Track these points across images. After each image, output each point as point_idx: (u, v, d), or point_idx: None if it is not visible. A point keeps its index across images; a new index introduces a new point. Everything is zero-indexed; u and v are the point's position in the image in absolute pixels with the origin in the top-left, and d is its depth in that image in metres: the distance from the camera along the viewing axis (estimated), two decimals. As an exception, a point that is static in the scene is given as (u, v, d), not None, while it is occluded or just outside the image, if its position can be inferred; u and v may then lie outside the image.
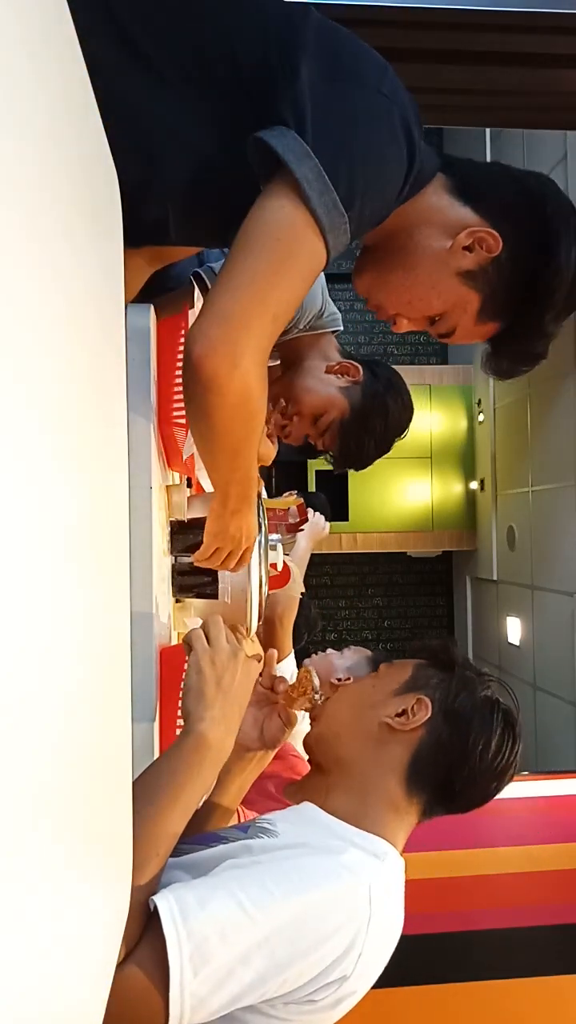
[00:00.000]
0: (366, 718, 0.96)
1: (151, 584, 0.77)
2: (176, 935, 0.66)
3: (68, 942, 0.42)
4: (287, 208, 0.73)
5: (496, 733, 0.94)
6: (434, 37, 2.25)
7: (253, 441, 0.81)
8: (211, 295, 0.74)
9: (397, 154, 0.77)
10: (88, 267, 0.51)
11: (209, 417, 0.76)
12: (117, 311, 0.68)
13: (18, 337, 0.33)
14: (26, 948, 0.33)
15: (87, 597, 0.48)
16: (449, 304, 0.90)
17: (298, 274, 0.75)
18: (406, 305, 0.92)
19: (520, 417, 4.62)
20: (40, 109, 0.38)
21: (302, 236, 0.74)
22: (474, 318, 0.91)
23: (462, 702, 0.95)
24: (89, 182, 0.53)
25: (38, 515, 0.36)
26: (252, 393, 0.75)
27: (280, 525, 1.97)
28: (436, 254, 0.88)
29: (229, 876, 0.73)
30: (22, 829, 0.33)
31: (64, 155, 0.44)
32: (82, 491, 0.47)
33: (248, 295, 0.72)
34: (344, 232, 0.75)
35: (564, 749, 4.03)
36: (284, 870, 0.74)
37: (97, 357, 0.55)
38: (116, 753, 0.61)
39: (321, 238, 0.74)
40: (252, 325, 0.72)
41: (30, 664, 0.34)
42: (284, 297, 0.75)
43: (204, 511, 1.07)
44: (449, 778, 0.93)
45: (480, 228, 0.85)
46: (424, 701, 0.93)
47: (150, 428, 0.80)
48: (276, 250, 0.74)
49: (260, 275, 0.73)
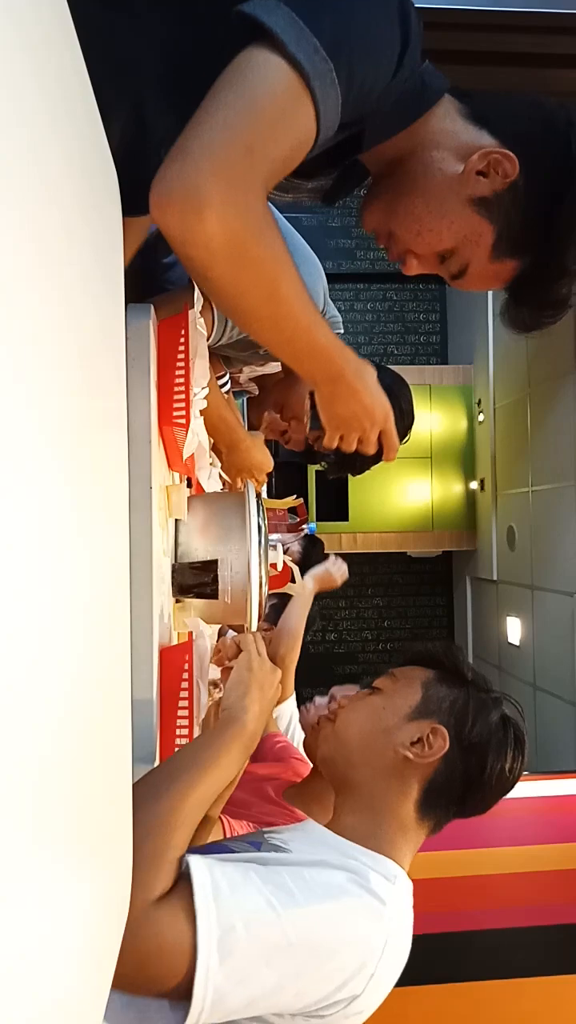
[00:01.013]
0: (380, 743, 0.94)
1: (151, 584, 0.77)
2: (207, 916, 0.66)
3: (64, 940, 0.42)
4: (260, 55, 0.65)
5: (509, 754, 0.94)
6: (434, 37, 2.25)
7: (289, 299, 0.70)
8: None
9: (388, 15, 0.70)
10: (88, 267, 0.51)
11: (211, 282, 0.66)
12: (117, 311, 0.68)
13: (18, 337, 0.33)
14: (23, 945, 0.33)
15: (87, 597, 0.48)
16: (460, 236, 0.83)
17: (274, 106, 0.65)
18: (415, 237, 0.85)
19: (520, 417, 4.62)
20: (39, 108, 0.38)
21: (278, 75, 0.65)
22: (488, 253, 0.84)
23: (479, 730, 0.94)
24: (89, 182, 0.53)
25: (38, 515, 0.36)
26: (242, 237, 0.63)
27: (280, 525, 1.97)
28: (447, 179, 0.81)
29: (255, 872, 0.73)
30: (21, 829, 0.33)
31: (64, 155, 0.44)
32: (82, 491, 0.47)
33: (209, 127, 0.63)
34: (332, 83, 0.67)
35: (564, 749, 4.03)
36: (306, 880, 0.74)
37: (97, 357, 0.55)
38: (116, 753, 0.61)
39: (304, 85, 0.65)
40: (217, 157, 0.62)
41: (29, 664, 0.34)
42: (258, 127, 0.64)
43: (204, 511, 1.07)
44: (462, 800, 0.94)
45: (495, 150, 0.79)
46: (441, 732, 0.92)
47: (150, 428, 0.80)
48: (244, 83, 0.65)
49: (224, 106, 0.63)
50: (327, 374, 0.81)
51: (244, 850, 0.84)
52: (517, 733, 0.96)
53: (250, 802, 1.25)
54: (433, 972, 1.60)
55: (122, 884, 0.63)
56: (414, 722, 0.94)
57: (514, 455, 4.77)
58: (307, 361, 0.79)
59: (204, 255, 0.64)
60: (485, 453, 5.20)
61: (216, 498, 1.16)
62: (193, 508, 1.04)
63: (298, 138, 0.68)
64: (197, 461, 1.08)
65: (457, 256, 0.85)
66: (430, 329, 5.93)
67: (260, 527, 1.05)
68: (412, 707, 0.96)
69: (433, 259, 0.87)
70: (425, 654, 1.04)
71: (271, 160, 0.66)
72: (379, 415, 0.89)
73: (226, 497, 1.15)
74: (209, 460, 1.25)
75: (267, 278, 0.68)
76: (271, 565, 1.23)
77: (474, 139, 0.81)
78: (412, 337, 5.93)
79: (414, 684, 0.99)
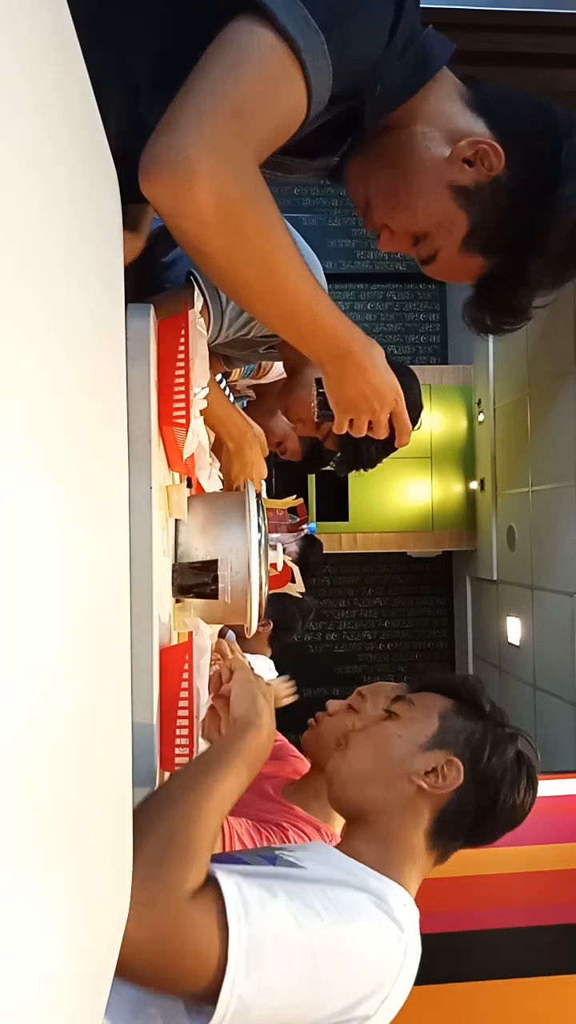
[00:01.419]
0: (393, 771, 0.94)
1: (151, 584, 0.77)
2: (238, 928, 0.66)
3: (62, 953, 0.42)
4: (248, 26, 0.64)
5: (521, 790, 0.94)
6: (434, 37, 2.25)
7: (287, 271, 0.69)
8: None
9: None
10: (88, 267, 0.51)
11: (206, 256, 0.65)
12: (117, 311, 0.68)
13: (17, 337, 0.33)
14: (24, 961, 0.33)
15: (87, 597, 0.48)
16: (434, 220, 0.82)
17: (263, 74, 0.64)
18: (389, 211, 0.84)
19: (520, 417, 4.62)
20: (38, 107, 0.38)
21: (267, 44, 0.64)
22: (459, 244, 0.82)
23: (494, 765, 0.94)
24: (89, 180, 0.53)
25: (38, 515, 0.36)
26: (234, 204, 0.62)
27: (280, 525, 1.97)
28: (432, 159, 0.80)
29: (280, 887, 0.73)
30: (18, 832, 0.33)
31: (63, 154, 0.44)
32: (82, 491, 0.47)
33: (195, 95, 0.61)
34: (323, 54, 0.66)
35: (564, 749, 4.03)
36: (330, 898, 0.74)
37: (97, 357, 0.55)
38: (116, 753, 0.61)
39: (294, 56, 0.65)
40: (204, 123, 0.60)
41: (29, 664, 0.34)
42: (246, 93, 0.63)
43: (204, 511, 1.07)
44: (471, 832, 0.94)
45: (485, 140, 0.78)
46: (456, 764, 0.92)
47: (150, 428, 0.80)
48: (232, 53, 0.64)
49: (211, 75, 0.63)
50: (334, 352, 0.80)
51: (259, 863, 0.84)
52: (530, 771, 0.96)
53: (250, 800, 1.26)
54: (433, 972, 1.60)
55: (121, 896, 0.63)
56: (429, 752, 0.94)
57: (514, 455, 4.77)
58: (311, 338, 0.77)
59: (195, 226, 0.63)
60: (485, 453, 5.20)
61: (216, 498, 1.15)
62: (193, 508, 1.04)
63: (289, 107, 0.67)
64: (197, 461, 1.08)
65: (429, 240, 0.84)
66: (430, 329, 5.93)
67: (260, 527, 1.05)
68: (428, 737, 0.95)
69: (406, 238, 0.86)
70: (444, 683, 1.04)
71: (261, 126, 0.65)
72: (389, 395, 0.86)
73: (226, 497, 1.15)
74: (209, 460, 1.25)
75: (263, 249, 0.66)
76: (271, 565, 1.23)
77: (468, 125, 0.80)
78: (412, 337, 5.93)
79: (431, 713, 0.98)
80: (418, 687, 1.07)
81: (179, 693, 0.86)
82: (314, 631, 5.87)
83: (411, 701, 1.01)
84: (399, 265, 5.78)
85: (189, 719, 0.86)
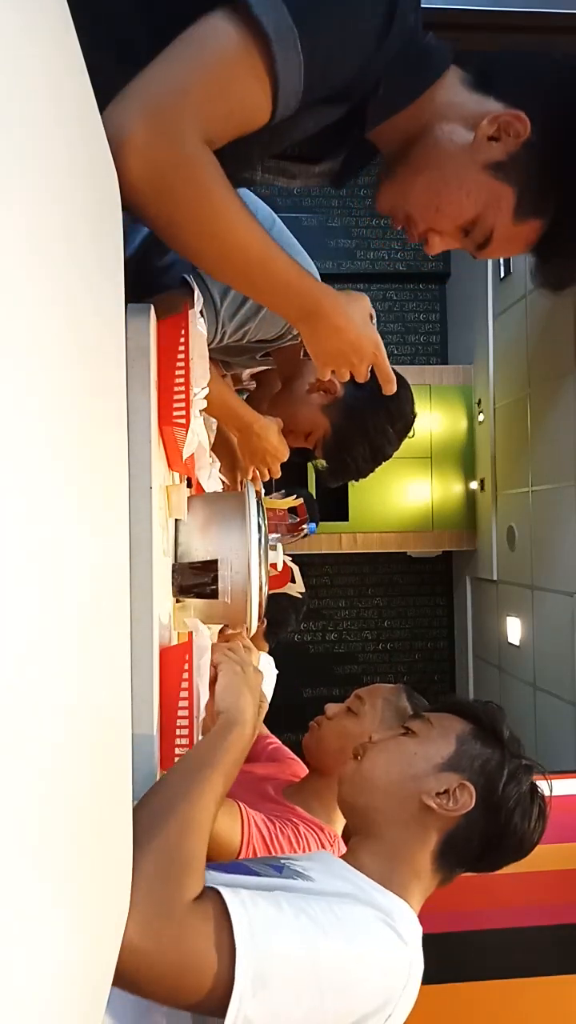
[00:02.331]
0: (406, 788, 0.94)
1: (151, 584, 0.77)
2: (245, 950, 0.67)
3: (65, 950, 0.42)
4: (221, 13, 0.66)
5: (531, 824, 0.94)
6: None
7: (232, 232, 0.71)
8: None
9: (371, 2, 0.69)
10: (88, 267, 0.51)
11: (149, 220, 0.67)
12: (117, 311, 0.68)
13: (18, 337, 0.33)
14: (21, 974, 0.33)
15: (87, 597, 0.48)
16: (482, 203, 0.82)
17: (222, 58, 0.65)
18: (435, 213, 0.84)
19: (520, 417, 4.62)
20: (40, 108, 0.38)
21: (233, 31, 0.65)
22: (511, 216, 0.82)
23: (507, 795, 0.94)
24: (89, 182, 0.53)
25: (38, 515, 0.36)
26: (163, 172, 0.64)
27: (280, 525, 1.97)
28: (460, 149, 0.80)
29: (286, 902, 0.73)
30: (18, 830, 0.33)
31: (64, 154, 0.44)
32: (82, 491, 0.47)
33: (150, 72, 0.64)
34: (295, 48, 0.66)
35: (564, 749, 4.03)
36: (336, 914, 0.74)
37: (97, 357, 0.55)
38: (116, 753, 0.61)
39: (263, 46, 0.66)
40: (148, 97, 0.63)
41: (29, 665, 0.34)
42: (199, 74, 0.65)
43: (204, 511, 1.07)
44: (477, 859, 0.94)
45: (503, 112, 0.78)
46: (468, 789, 0.92)
47: (150, 428, 0.80)
48: (196, 36, 0.66)
49: (171, 55, 0.65)
50: (301, 310, 0.81)
51: (267, 873, 0.84)
52: (542, 804, 0.97)
53: (252, 801, 1.26)
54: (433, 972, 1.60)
55: (120, 893, 0.63)
56: (444, 773, 0.94)
57: (514, 455, 4.77)
58: (273, 296, 0.79)
59: (129, 192, 0.65)
60: (485, 453, 5.20)
61: (216, 498, 1.15)
62: (193, 508, 1.04)
63: (247, 95, 0.68)
64: (197, 461, 1.08)
65: (480, 225, 0.84)
66: (430, 329, 5.93)
67: (260, 527, 1.05)
68: (444, 758, 0.95)
69: (456, 233, 0.86)
70: (464, 706, 1.03)
71: (209, 108, 0.66)
72: (367, 349, 0.88)
73: (226, 497, 1.15)
74: (209, 460, 1.25)
75: (200, 214, 0.68)
76: (271, 565, 1.23)
77: (480, 107, 0.80)
78: (412, 337, 5.93)
79: (449, 735, 0.98)
80: (439, 708, 1.07)
81: (179, 693, 0.86)
82: (314, 631, 5.87)
83: (429, 720, 1.00)
84: (399, 265, 5.78)
85: (189, 719, 0.86)
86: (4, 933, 0.30)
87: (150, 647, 0.78)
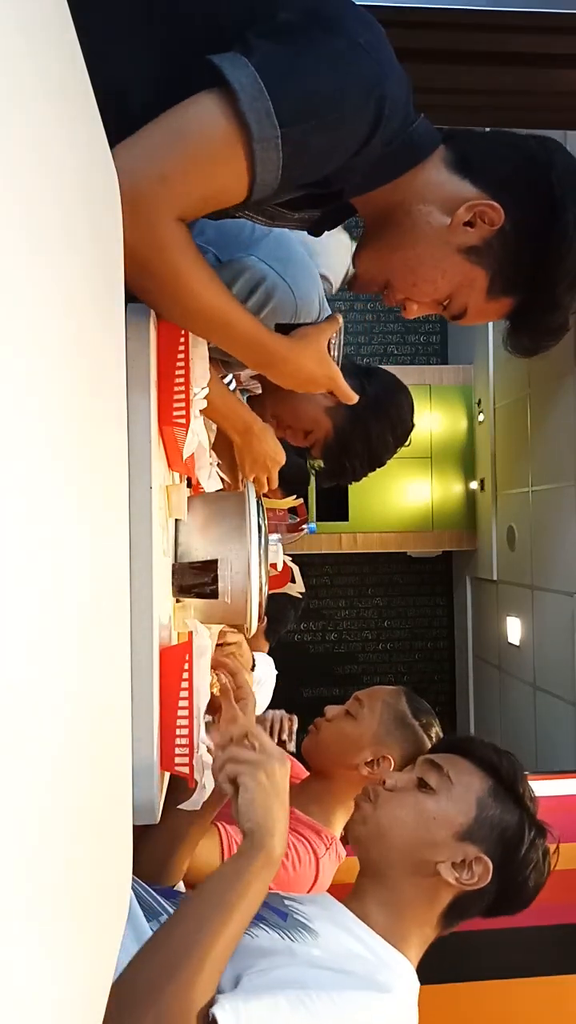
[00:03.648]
0: (422, 854, 0.92)
1: (151, 584, 0.77)
2: None
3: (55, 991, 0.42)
4: (210, 100, 0.69)
5: (541, 879, 0.95)
6: (434, 37, 2.25)
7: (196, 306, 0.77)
8: None
9: (359, 95, 0.72)
10: (88, 267, 0.51)
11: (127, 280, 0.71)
12: (117, 311, 0.68)
13: (18, 337, 0.33)
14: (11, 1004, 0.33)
15: (87, 597, 0.48)
16: (455, 284, 0.86)
17: (203, 148, 0.69)
18: (411, 287, 0.89)
19: (520, 417, 4.62)
20: (39, 108, 0.38)
21: (218, 122, 0.68)
22: (484, 295, 0.87)
23: (524, 864, 0.93)
24: (89, 182, 0.53)
25: (38, 515, 0.36)
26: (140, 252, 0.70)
27: (280, 525, 1.97)
28: (436, 232, 0.84)
29: (285, 1001, 0.72)
30: (18, 830, 0.33)
31: (64, 154, 0.44)
32: (82, 491, 0.47)
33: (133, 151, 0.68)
34: (275, 147, 0.69)
35: (564, 749, 4.03)
36: (336, 1003, 0.74)
37: (97, 357, 0.55)
38: (116, 753, 0.61)
39: (244, 142, 0.69)
40: (131, 183, 0.67)
41: (28, 665, 0.34)
42: (179, 162, 0.69)
43: (204, 511, 1.07)
44: (483, 914, 0.95)
45: (479, 201, 0.82)
46: (486, 863, 0.91)
47: (150, 428, 0.80)
48: (182, 118, 0.69)
49: (155, 134, 0.69)
50: (259, 361, 0.89)
51: (272, 921, 0.84)
52: (550, 863, 0.97)
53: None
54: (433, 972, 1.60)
55: (120, 899, 0.63)
56: (461, 844, 0.92)
57: (514, 455, 4.77)
58: (233, 349, 0.86)
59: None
60: (485, 453, 5.20)
61: (216, 498, 1.15)
62: (193, 508, 1.04)
63: (225, 185, 0.72)
64: (197, 461, 1.08)
65: (454, 300, 0.89)
66: (430, 329, 5.93)
67: (260, 527, 1.05)
68: (463, 826, 0.93)
69: (432, 304, 0.91)
70: (482, 754, 1.00)
71: (186, 194, 0.71)
72: (322, 380, 0.95)
73: (226, 497, 1.15)
74: (209, 460, 1.25)
75: (168, 286, 0.75)
76: (271, 565, 1.23)
77: (459, 191, 0.83)
78: (412, 337, 5.93)
79: (469, 797, 0.95)
80: (451, 745, 1.04)
81: (179, 693, 0.86)
82: (314, 631, 5.87)
83: (448, 776, 0.97)
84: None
85: (189, 719, 0.86)
86: (4, 934, 0.30)
87: (150, 647, 0.78)
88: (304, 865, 1.28)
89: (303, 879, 1.28)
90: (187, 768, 0.83)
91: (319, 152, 0.74)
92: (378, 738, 1.34)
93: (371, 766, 1.32)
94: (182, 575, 1.02)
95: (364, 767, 1.32)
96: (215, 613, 1.07)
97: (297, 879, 1.27)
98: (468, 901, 0.92)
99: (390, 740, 1.34)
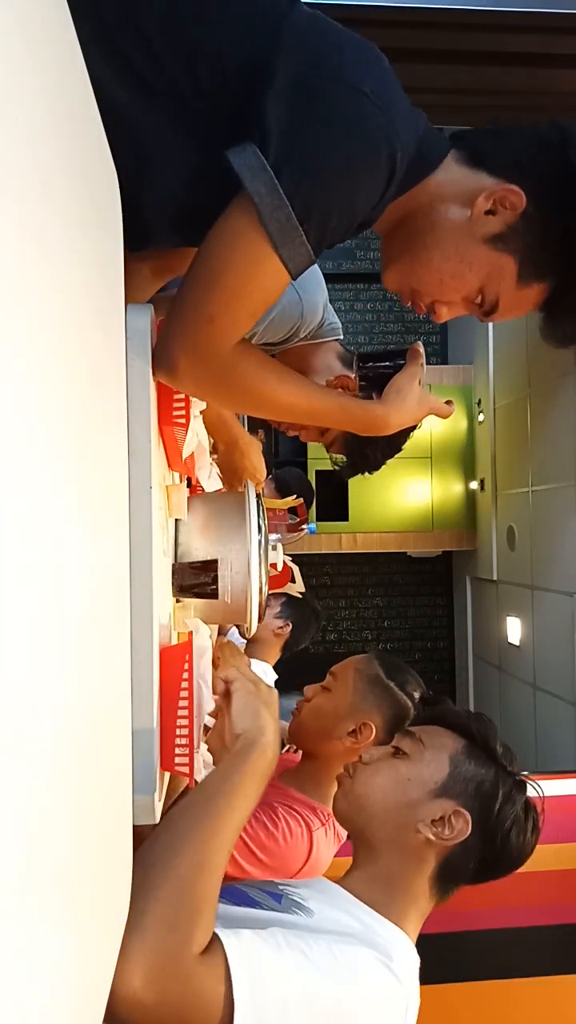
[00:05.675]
0: (401, 816, 0.93)
1: (151, 584, 0.77)
2: (243, 1005, 0.66)
3: (59, 956, 0.42)
4: (240, 224, 0.74)
5: (526, 838, 0.94)
6: (434, 37, 2.25)
7: (279, 401, 0.86)
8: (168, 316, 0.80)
9: (371, 159, 0.73)
10: (88, 267, 0.51)
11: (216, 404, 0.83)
12: (117, 311, 0.68)
13: (18, 337, 0.33)
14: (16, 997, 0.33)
15: (87, 597, 0.48)
16: (484, 275, 0.85)
17: (238, 277, 0.76)
18: (439, 287, 0.87)
19: (520, 417, 4.62)
20: (40, 108, 0.38)
21: (250, 249, 0.74)
22: (514, 283, 0.85)
23: (503, 818, 0.93)
24: (89, 182, 0.53)
25: (38, 515, 0.36)
26: (209, 384, 0.82)
27: (280, 525, 1.97)
28: (458, 227, 0.83)
29: (287, 944, 0.73)
30: (17, 829, 0.33)
31: (64, 154, 0.44)
32: (82, 491, 0.47)
33: (182, 307, 0.78)
34: (301, 244, 0.74)
35: (564, 749, 4.03)
36: (336, 957, 0.74)
37: (97, 357, 0.55)
38: (116, 753, 0.61)
39: (274, 252, 0.74)
40: (184, 335, 0.78)
41: (28, 665, 0.34)
42: (221, 299, 0.77)
43: (204, 511, 1.07)
44: (475, 876, 0.95)
45: (498, 188, 0.81)
46: (464, 816, 0.91)
47: (150, 428, 0.80)
48: (216, 256, 0.76)
49: (196, 282, 0.77)
50: (361, 429, 0.95)
51: (267, 903, 0.84)
52: (535, 818, 0.96)
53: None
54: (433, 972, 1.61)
55: (119, 898, 0.63)
56: (438, 800, 0.93)
57: (514, 455, 4.77)
58: (334, 427, 0.98)
59: (189, 393, 0.87)
60: (485, 453, 5.20)
61: (216, 498, 1.15)
62: (193, 508, 1.04)
63: (265, 293, 0.79)
64: (197, 461, 1.08)
65: (485, 294, 0.87)
66: (430, 329, 5.93)
67: (260, 527, 1.05)
68: (438, 783, 0.94)
69: (462, 302, 0.90)
70: (454, 719, 1.01)
71: (234, 321, 0.78)
72: (422, 416, 0.98)
73: (226, 497, 1.15)
74: (209, 460, 1.25)
75: (249, 400, 0.87)
76: (271, 565, 1.23)
77: (476, 183, 0.83)
78: (412, 337, 5.93)
79: (442, 756, 0.96)
80: (427, 718, 1.05)
81: (179, 693, 0.86)
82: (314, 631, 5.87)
83: (420, 740, 0.98)
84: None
85: (189, 719, 0.86)
86: (4, 933, 0.30)
87: (150, 647, 0.78)
88: (296, 838, 1.29)
89: (296, 852, 1.29)
90: (187, 768, 0.83)
91: (342, 224, 0.77)
92: (355, 706, 1.36)
93: (354, 735, 1.34)
94: (182, 575, 1.02)
95: (347, 738, 1.34)
96: (215, 613, 1.07)
97: (289, 852, 1.28)
98: (455, 860, 0.92)
99: (367, 706, 1.36)
